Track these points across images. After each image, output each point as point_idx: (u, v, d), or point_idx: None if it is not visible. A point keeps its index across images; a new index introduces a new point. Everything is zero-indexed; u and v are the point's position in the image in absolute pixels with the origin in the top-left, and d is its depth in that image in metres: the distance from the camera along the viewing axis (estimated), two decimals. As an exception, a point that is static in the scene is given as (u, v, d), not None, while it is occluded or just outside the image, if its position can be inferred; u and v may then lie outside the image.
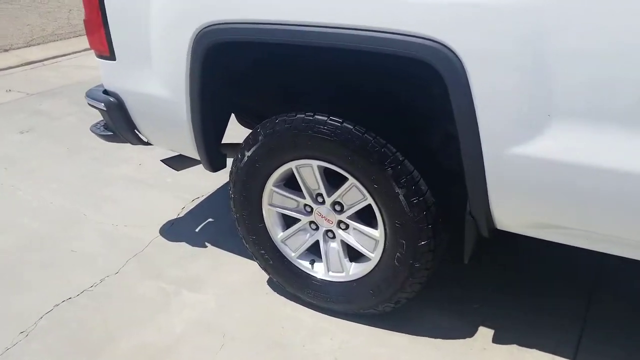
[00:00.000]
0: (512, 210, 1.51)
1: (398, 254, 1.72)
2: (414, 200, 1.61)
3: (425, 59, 1.37)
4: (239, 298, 2.15)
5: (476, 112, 1.36)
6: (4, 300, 2.20)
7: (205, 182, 2.94)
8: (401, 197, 1.61)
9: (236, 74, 1.99)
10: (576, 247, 1.55)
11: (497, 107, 1.34)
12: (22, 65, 5.81)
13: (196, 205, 2.80)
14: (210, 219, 2.67)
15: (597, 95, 1.24)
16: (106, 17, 1.92)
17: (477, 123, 1.37)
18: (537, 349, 1.84)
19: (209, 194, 2.88)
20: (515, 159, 1.38)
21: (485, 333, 1.92)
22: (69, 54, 6.07)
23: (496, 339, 1.89)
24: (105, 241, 2.56)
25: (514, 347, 1.85)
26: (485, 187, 1.47)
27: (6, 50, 6.30)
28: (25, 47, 6.40)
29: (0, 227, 2.69)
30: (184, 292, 2.21)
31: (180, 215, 2.73)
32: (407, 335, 1.93)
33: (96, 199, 2.92)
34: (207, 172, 2.10)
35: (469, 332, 1.93)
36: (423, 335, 1.92)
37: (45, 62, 5.87)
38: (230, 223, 2.11)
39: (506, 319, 1.97)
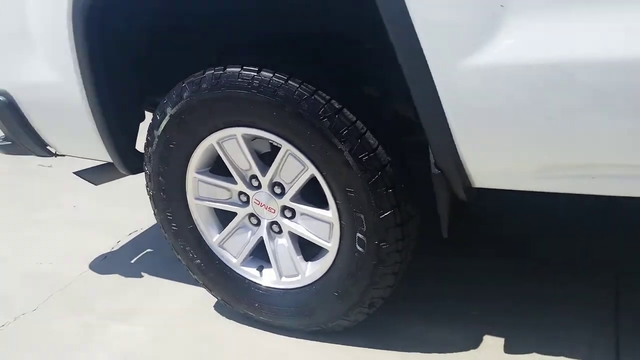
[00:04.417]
0: (486, 152, 1.23)
1: (359, 234, 1.43)
2: (364, 157, 1.35)
3: None
4: (178, 327, 1.79)
5: (411, 16, 1.11)
6: None
7: (145, 214, 2.60)
8: (347, 155, 1.35)
9: (133, 45, 1.70)
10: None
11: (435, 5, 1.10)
12: None
13: (133, 238, 2.45)
14: (149, 250, 2.33)
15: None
16: None
17: (415, 32, 1.12)
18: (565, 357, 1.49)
19: (149, 226, 2.55)
20: (473, 74, 1.12)
21: (492, 344, 1.57)
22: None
23: (509, 349, 1.54)
24: (25, 281, 2.17)
25: (534, 358, 1.50)
26: (446, 122, 1.21)
27: None
28: None
29: None
30: (112, 325, 1.83)
31: (115, 249, 2.38)
32: (394, 353, 1.58)
33: (19, 240, 2.54)
34: (147, 203, 1.77)
35: (472, 344, 1.58)
36: (413, 351, 1.57)
37: None
38: (173, 252, 1.79)
39: (517, 326, 1.62)
